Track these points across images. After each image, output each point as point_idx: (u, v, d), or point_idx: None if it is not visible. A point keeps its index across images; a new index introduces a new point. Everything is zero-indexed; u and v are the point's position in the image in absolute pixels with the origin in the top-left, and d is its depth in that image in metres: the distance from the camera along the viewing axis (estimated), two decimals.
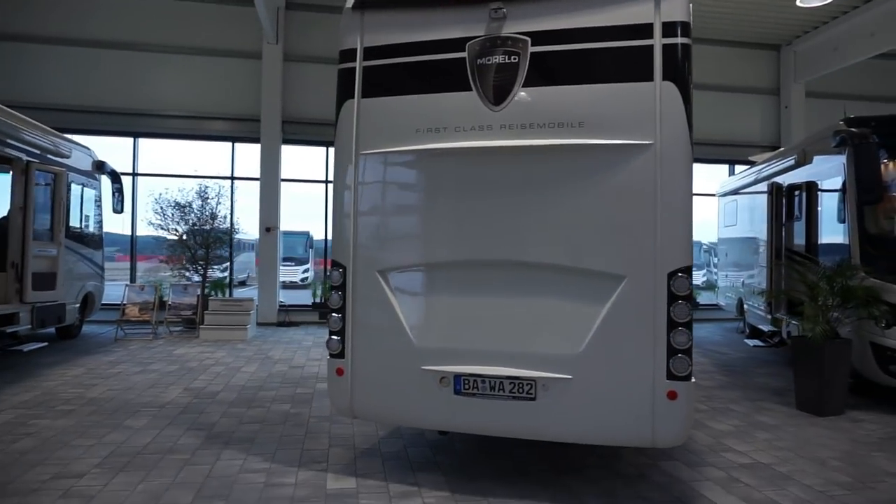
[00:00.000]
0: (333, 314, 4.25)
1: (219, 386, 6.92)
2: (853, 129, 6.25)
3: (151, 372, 7.57)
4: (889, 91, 13.96)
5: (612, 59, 3.82)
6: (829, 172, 7.08)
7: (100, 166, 10.29)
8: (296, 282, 25.81)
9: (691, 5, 3.77)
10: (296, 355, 9.07)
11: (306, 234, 29.58)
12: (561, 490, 4.03)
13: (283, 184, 12.77)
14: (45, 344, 8.69)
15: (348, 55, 4.28)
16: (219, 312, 10.72)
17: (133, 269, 12.94)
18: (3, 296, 7.65)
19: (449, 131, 4.01)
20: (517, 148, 3.87)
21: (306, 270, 29.39)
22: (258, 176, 12.64)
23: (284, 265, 23.46)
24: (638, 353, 3.68)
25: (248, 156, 13.04)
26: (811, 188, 7.72)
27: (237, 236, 13.15)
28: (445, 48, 4.06)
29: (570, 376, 3.76)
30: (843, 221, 6.73)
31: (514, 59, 3.92)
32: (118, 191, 10.70)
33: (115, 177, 10.67)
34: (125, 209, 11.22)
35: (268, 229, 12.48)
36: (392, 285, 4.12)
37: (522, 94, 3.89)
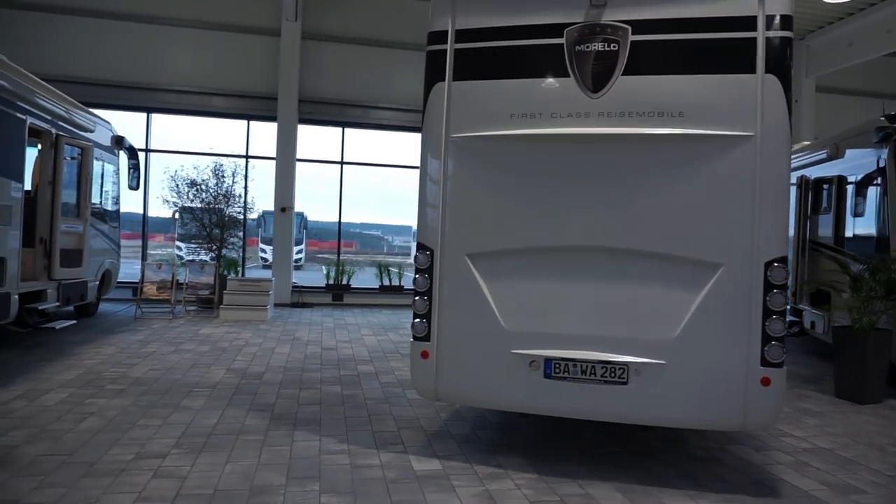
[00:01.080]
0: (419, 297, 4.25)
1: (260, 367, 6.88)
2: None
3: (186, 352, 7.49)
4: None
5: (714, 50, 3.84)
6: (865, 167, 7.21)
7: (119, 141, 10.06)
8: None
9: None
10: (323, 336, 9.05)
11: (300, 215, 29.32)
12: (643, 472, 4.11)
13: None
14: (75, 322, 8.55)
15: (438, 37, 4.25)
16: (237, 292, 10.61)
17: (144, 247, 12.74)
18: (32, 272, 7.49)
19: (545, 117, 4.01)
20: (616, 136, 3.89)
21: (300, 252, 29.22)
22: (272, 155, 12.49)
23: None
24: (732, 340, 3.75)
25: (262, 134, 12.88)
26: (842, 182, 7.87)
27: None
28: (542, 33, 4.05)
29: (663, 361, 3.82)
30: (879, 215, 6.89)
31: (614, 46, 3.92)
32: (135, 167, 10.49)
33: (133, 153, 10.45)
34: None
35: (283, 209, 12.36)
36: (481, 269, 4.13)
37: (622, 82, 3.90)
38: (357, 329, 9.93)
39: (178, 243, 23.81)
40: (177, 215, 14.13)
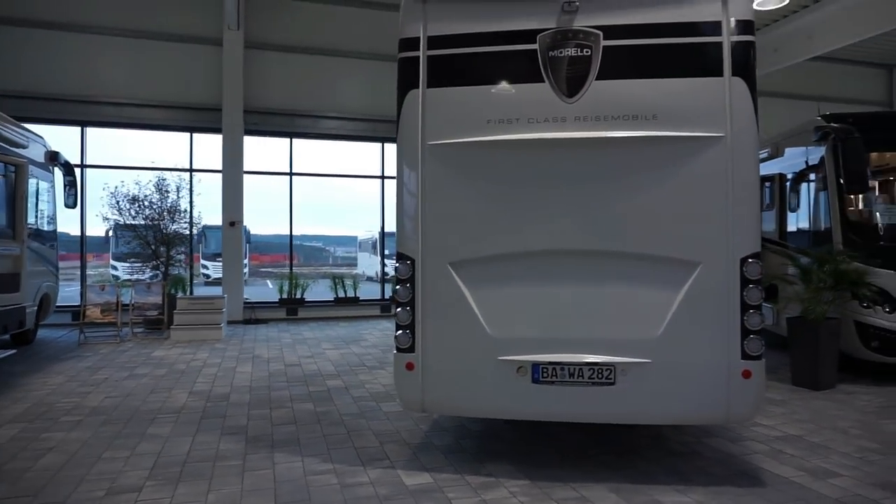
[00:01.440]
0: (401, 308, 4.17)
1: (224, 388, 6.61)
2: (836, 125, 6.76)
3: (141, 377, 7.12)
4: (816, 91, 15.09)
5: (683, 54, 3.96)
6: (804, 164, 7.62)
7: (53, 157, 9.49)
8: None
9: (754, 4, 3.97)
10: (284, 353, 8.78)
11: (243, 229, 28.34)
12: (631, 471, 4.16)
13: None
14: (14, 351, 7.98)
15: (410, 44, 4.20)
16: (188, 311, 10.18)
17: (83, 268, 12.05)
18: None
19: (522, 122, 4.03)
20: (592, 140, 3.94)
21: (244, 266, 28.32)
22: (217, 168, 12.10)
23: (215, 262, 22.44)
24: (713, 335, 3.86)
25: (207, 147, 12.44)
26: (783, 179, 8.28)
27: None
28: (515, 39, 4.07)
29: (648, 360, 3.89)
30: (820, 210, 7.28)
31: (587, 51, 3.98)
32: (71, 184, 9.92)
33: (69, 169, 9.88)
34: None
35: (231, 223, 11.98)
36: (464, 277, 4.10)
37: (596, 86, 3.96)
38: (317, 343, 9.70)
39: (112, 262, 22.63)
40: (110, 232, 13.41)
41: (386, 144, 13.46)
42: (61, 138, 11.31)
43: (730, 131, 3.86)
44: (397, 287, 4.20)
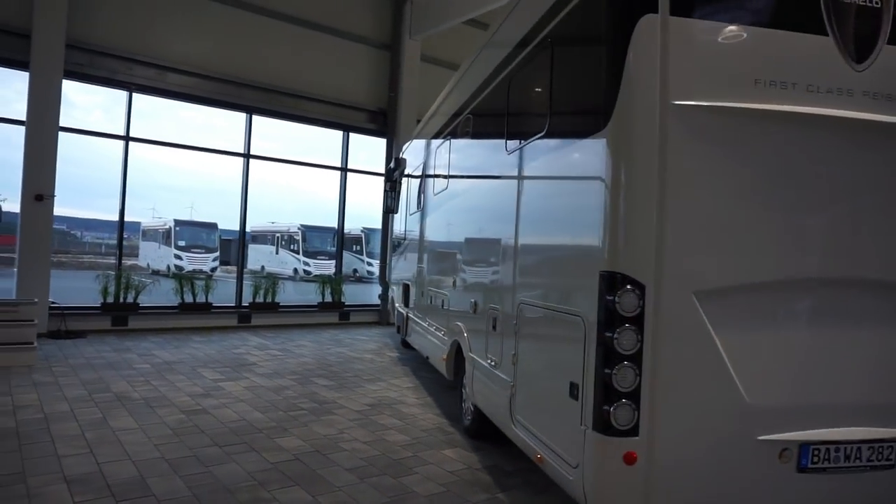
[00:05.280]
0: (617, 365, 2.57)
1: (122, 465, 4.07)
2: None
3: None
4: None
5: None
6: None
7: None
8: None
9: None
10: (160, 388, 6.11)
11: None
12: None
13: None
14: None
15: None
16: None
17: None
18: None
19: (799, 89, 2.75)
20: (886, 126, 2.82)
21: None
22: (18, 118, 8.53)
23: None
24: None
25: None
26: None
27: None
28: None
29: None
30: None
31: (877, 2, 2.85)
32: None
33: None
34: None
35: (38, 197, 8.47)
36: (711, 315, 2.66)
37: (888, 52, 2.85)
38: (192, 371, 7.08)
39: None
40: None
41: (255, 116, 10.93)
42: None
43: None
44: (613, 333, 2.58)
